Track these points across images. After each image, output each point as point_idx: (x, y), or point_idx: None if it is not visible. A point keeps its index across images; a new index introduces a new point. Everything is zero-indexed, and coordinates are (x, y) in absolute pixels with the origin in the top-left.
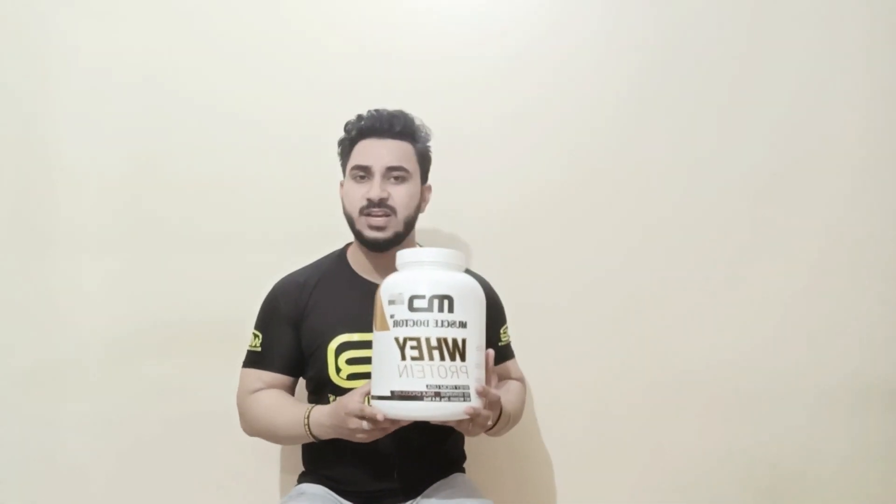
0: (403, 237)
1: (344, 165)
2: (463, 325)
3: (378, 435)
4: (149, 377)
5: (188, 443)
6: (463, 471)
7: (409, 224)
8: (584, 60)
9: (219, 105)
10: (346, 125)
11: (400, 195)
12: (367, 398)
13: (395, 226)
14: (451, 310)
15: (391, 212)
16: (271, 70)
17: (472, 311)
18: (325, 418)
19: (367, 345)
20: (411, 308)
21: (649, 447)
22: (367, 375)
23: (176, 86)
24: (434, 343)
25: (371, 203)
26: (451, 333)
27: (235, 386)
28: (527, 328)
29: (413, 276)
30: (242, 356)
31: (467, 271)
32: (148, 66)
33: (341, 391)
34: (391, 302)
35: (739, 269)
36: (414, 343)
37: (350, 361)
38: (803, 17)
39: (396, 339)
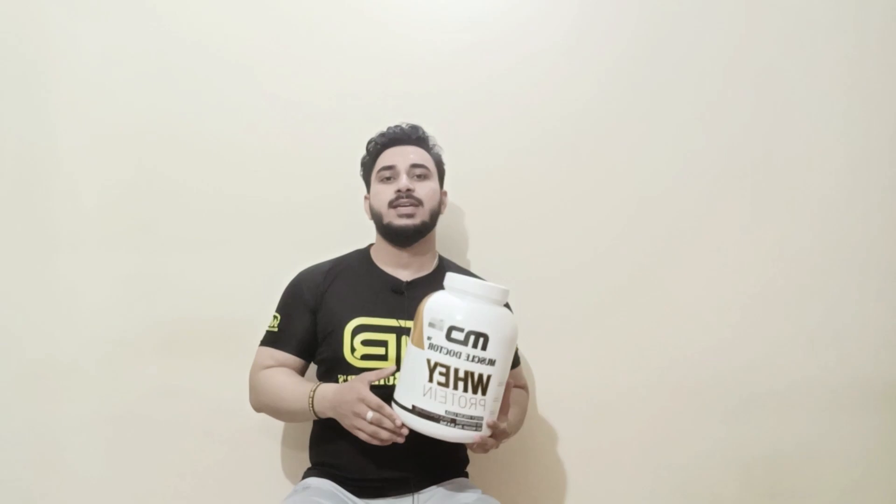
0: (430, 228)
1: (368, 176)
2: (492, 362)
3: (398, 439)
4: (150, 377)
5: (189, 443)
6: (466, 474)
7: (434, 217)
8: (572, 45)
9: (220, 106)
10: (369, 143)
11: (424, 189)
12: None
13: (421, 215)
14: (484, 347)
15: (418, 202)
16: (272, 74)
17: (503, 350)
18: (329, 393)
19: (381, 329)
20: (448, 338)
21: (650, 448)
22: (379, 357)
23: (175, 87)
24: (462, 375)
25: (400, 194)
26: (479, 369)
27: (236, 386)
28: (529, 330)
29: (457, 305)
30: (244, 356)
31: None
32: (149, 66)
33: (354, 371)
34: (431, 325)
35: (737, 268)
36: (443, 370)
37: (365, 343)
38: (792, 11)
39: (428, 361)
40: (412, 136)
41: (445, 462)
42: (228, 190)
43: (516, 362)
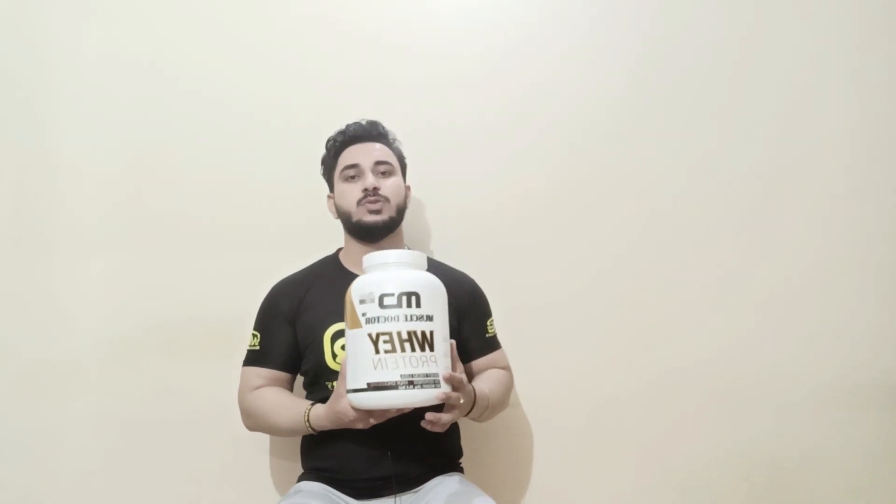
0: (397, 224)
1: (330, 176)
2: (430, 318)
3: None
4: (150, 377)
5: (189, 442)
6: (460, 469)
7: (400, 212)
8: (578, 59)
9: (220, 103)
10: (328, 141)
11: (390, 185)
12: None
13: (389, 211)
14: (418, 305)
15: (385, 199)
16: (274, 68)
17: (437, 305)
18: (324, 421)
19: None
20: (382, 305)
21: (647, 446)
22: None
23: (177, 85)
24: (405, 336)
25: (367, 193)
26: (419, 326)
27: (236, 385)
28: (523, 327)
29: (381, 277)
30: (243, 356)
31: (450, 269)
32: (149, 64)
33: (337, 376)
34: (362, 301)
35: (736, 268)
36: (386, 337)
37: (345, 347)
38: (798, 18)
39: (370, 335)
40: (372, 133)
41: (436, 457)
42: (228, 191)
43: (496, 345)
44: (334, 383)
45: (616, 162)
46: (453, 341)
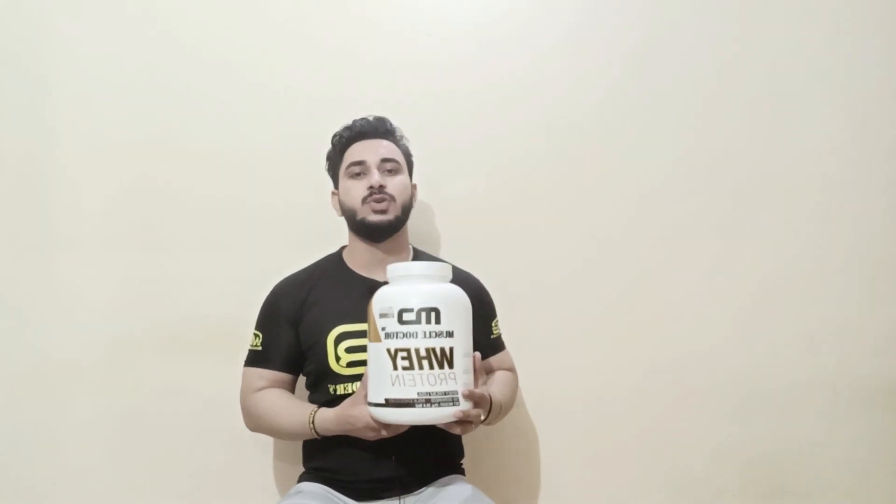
0: (402, 223)
1: (335, 172)
2: (450, 334)
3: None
4: (150, 377)
5: (189, 442)
6: (462, 470)
7: (406, 211)
8: (571, 50)
9: (221, 107)
10: (334, 137)
11: (396, 184)
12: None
13: (394, 210)
14: (438, 321)
15: (390, 198)
16: (273, 73)
17: (459, 320)
18: (331, 423)
19: (364, 334)
20: (401, 321)
21: (649, 447)
22: (364, 362)
23: (177, 85)
24: (423, 353)
25: (373, 190)
26: (438, 343)
27: (236, 386)
28: (523, 328)
29: (402, 290)
30: (243, 356)
31: (455, 269)
32: (150, 64)
33: (341, 379)
34: (382, 315)
35: (737, 268)
36: (404, 354)
37: (349, 350)
38: (795, 16)
39: (388, 350)
40: (380, 130)
41: (438, 459)
42: (228, 191)
43: (500, 346)
44: (337, 387)
45: (614, 160)
46: (477, 354)
